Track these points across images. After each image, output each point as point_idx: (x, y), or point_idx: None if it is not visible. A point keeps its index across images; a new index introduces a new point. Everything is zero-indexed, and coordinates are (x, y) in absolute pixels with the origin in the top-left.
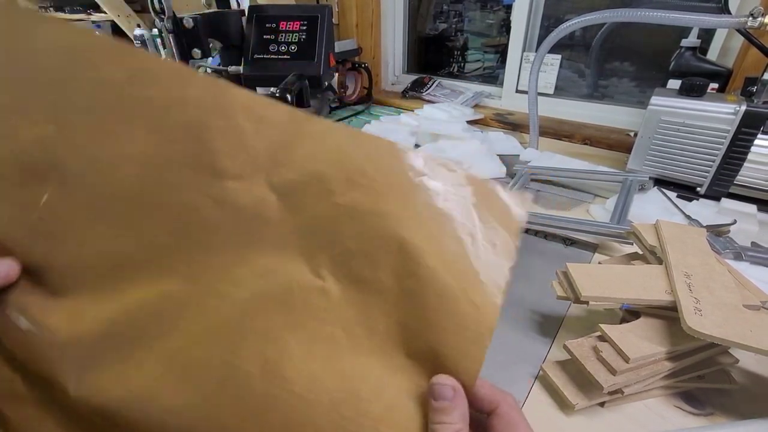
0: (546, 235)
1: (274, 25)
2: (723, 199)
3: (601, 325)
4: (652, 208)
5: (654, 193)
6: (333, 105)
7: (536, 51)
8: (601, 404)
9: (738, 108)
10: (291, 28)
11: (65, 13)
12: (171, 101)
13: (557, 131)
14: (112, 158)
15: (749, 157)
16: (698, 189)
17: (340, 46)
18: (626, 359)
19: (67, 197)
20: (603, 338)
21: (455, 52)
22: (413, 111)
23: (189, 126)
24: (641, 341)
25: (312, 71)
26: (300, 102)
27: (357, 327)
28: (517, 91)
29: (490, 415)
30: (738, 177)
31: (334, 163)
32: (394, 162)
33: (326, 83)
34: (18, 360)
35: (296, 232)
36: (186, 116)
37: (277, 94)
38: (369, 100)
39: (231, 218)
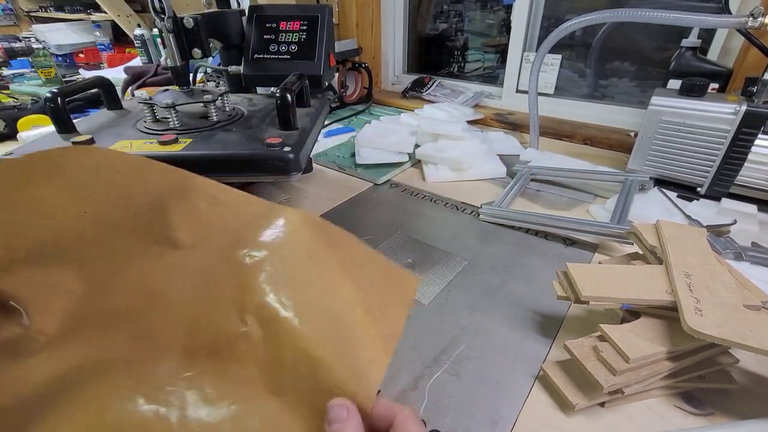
0: (546, 235)
1: (274, 25)
2: (723, 199)
3: (602, 325)
4: (652, 208)
5: (654, 193)
6: (333, 105)
7: (536, 51)
8: (602, 404)
9: (738, 108)
10: (291, 28)
11: (65, 12)
12: (135, 187)
13: (557, 131)
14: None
15: (749, 157)
16: (698, 189)
17: (340, 46)
18: (626, 359)
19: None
20: (603, 338)
21: (455, 52)
22: (413, 111)
23: (152, 205)
24: (641, 341)
25: (312, 71)
26: (300, 102)
27: (271, 366)
28: (518, 91)
29: (388, 430)
30: (738, 177)
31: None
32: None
33: (326, 83)
34: None
35: (237, 286)
36: (149, 198)
37: (278, 94)
38: (369, 99)
39: (183, 279)
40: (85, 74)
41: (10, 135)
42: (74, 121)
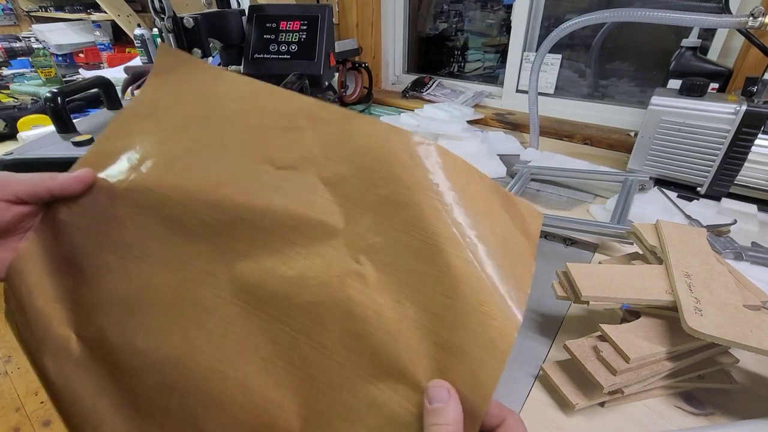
0: (546, 235)
1: (274, 24)
2: (723, 199)
3: (602, 325)
4: (652, 208)
5: (654, 193)
6: None
7: (536, 51)
8: (601, 404)
9: (738, 108)
10: (291, 28)
11: (65, 12)
12: (247, 110)
13: (557, 131)
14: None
15: (750, 157)
16: (699, 189)
17: (340, 46)
18: (626, 359)
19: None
20: (603, 338)
21: (455, 52)
22: (413, 111)
23: (255, 126)
24: (641, 341)
25: (312, 71)
26: None
27: (388, 311)
28: (518, 90)
29: (496, 429)
30: (738, 177)
31: (378, 158)
32: (429, 160)
33: (326, 83)
34: (78, 319)
35: (341, 220)
36: (255, 120)
37: None
38: (369, 99)
39: (283, 202)
40: (85, 74)
41: (10, 135)
42: (74, 120)
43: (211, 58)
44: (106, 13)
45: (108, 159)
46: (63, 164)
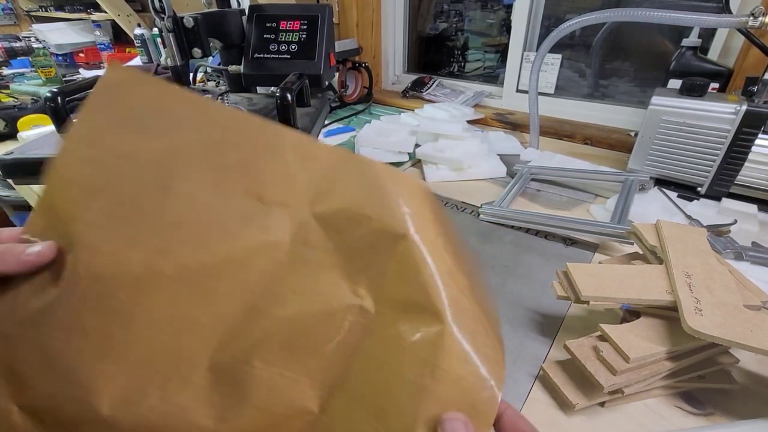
0: (546, 235)
1: (274, 24)
2: (723, 199)
3: (602, 325)
4: (652, 208)
5: (654, 193)
6: (333, 104)
7: (537, 50)
8: (602, 404)
9: (739, 108)
10: (291, 28)
11: (65, 11)
12: (228, 143)
13: (558, 131)
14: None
15: (750, 156)
16: (699, 189)
17: (340, 46)
18: (626, 359)
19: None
20: (603, 338)
21: (455, 52)
22: (413, 110)
23: (243, 162)
24: (641, 341)
25: (312, 71)
26: (300, 101)
27: (391, 343)
28: (518, 90)
29: (496, 422)
30: (739, 177)
31: (370, 192)
32: (426, 199)
33: (327, 83)
34: (20, 388)
35: (336, 255)
36: (241, 154)
37: (278, 94)
38: (369, 99)
39: (270, 241)
40: (85, 74)
41: (11, 134)
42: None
43: (211, 58)
44: (106, 12)
45: (56, 220)
46: None
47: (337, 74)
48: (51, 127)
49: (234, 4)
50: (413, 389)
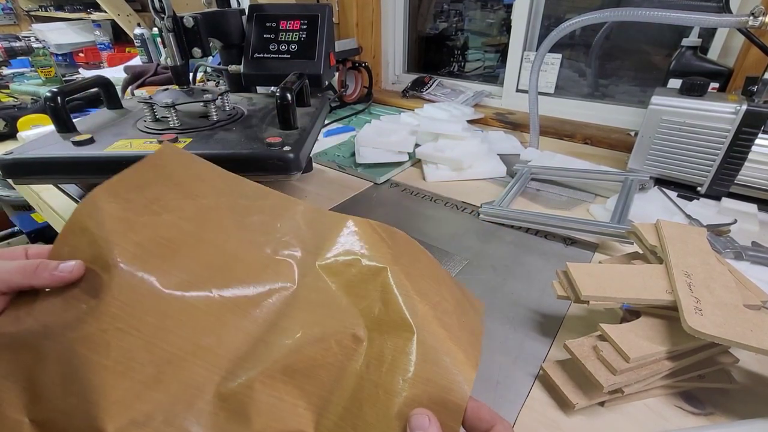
0: (546, 235)
1: (274, 24)
2: (723, 199)
3: (602, 325)
4: (652, 208)
5: (654, 192)
6: (333, 104)
7: (537, 50)
8: (602, 404)
9: (739, 107)
10: (291, 28)
11: (65, 11)
12: (252, 208)
13: (558, 131)
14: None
15: (750, 156)
16: (699, 188)
17: (340, 46)
18: (626, 359)
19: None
20: (603, 338)
21: (455, 52)
22: (413, 110)
23: (263, 224)
24: (641, 341)
25: (312, 70)
26: (300, 101)
27: (374, 361)
28: (518, 90)
29: None
30: (738, 177)
31: (356, 242)
32: (422, 253)
33: (327, 82)
34: (33, 401)
35: (336, 293)
36: (262, 217)
37: (278, 94)
38: (369, 99)
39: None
40: (85, 73)
41: (10, 134)
42: (74, 120)
43: (210, 58)
44: (106, 12)
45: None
46: (63, 164)
47: (337, 74)
48: (51, 127)
49: (234, 4)
50: (389, 395)
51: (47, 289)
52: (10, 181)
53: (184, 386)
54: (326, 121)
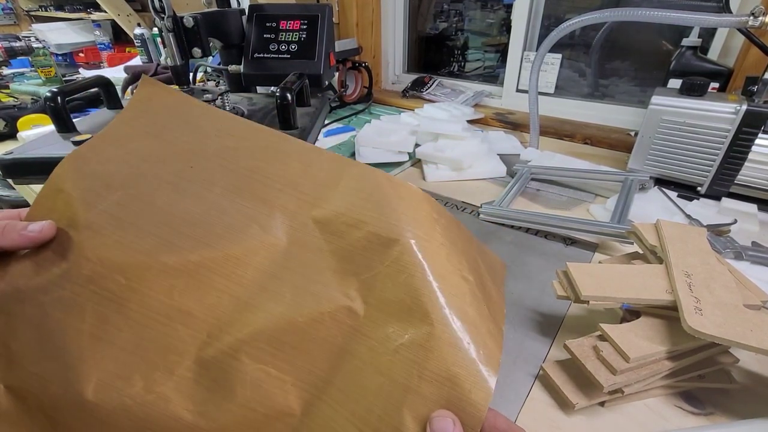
0: (546, 235)
1: (274, 24)
2: (723, 199)
3: (602, 325)
4: (652, 208)
5: (654, 192)
6: (333, 104)
7: (537, 50)
8: (602, 404)
9: (739, 107)
10: (291, 27)
11: (65, 11)
12: (240, 150)
13: (558, 131)
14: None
15: (750, 156)
16: (699, 188)
17: (340, 45)
18: (626, 359)
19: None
20: (603, 338)
21: (455, 52)
22: (413, 110)
23: (252, 168)
24: (641, 341)
25: (312, 70)
26: (300, 101)
27: (378, 345)
28: (518, 90)
29: None
30: (739, 177)
31: (368, 198)
32: (422, 205)
33: (327, 82)
34: (7, 367)
35: (331, 257)
36: (251, 162)
37: (278, 93)
38: (369, 99)
39: (268, 240)
40: (85, 73)
41: (11, 134)
42: (74, 120)
43: (211, 58)
44: (106, 12)
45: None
46: None
47: (337, 74)
48: (51, 127)
49: (234, 4)
50: (400, 390)
51: (21, 252)
52: (10, 181)
53: (164, 351)
54: (326, 121)
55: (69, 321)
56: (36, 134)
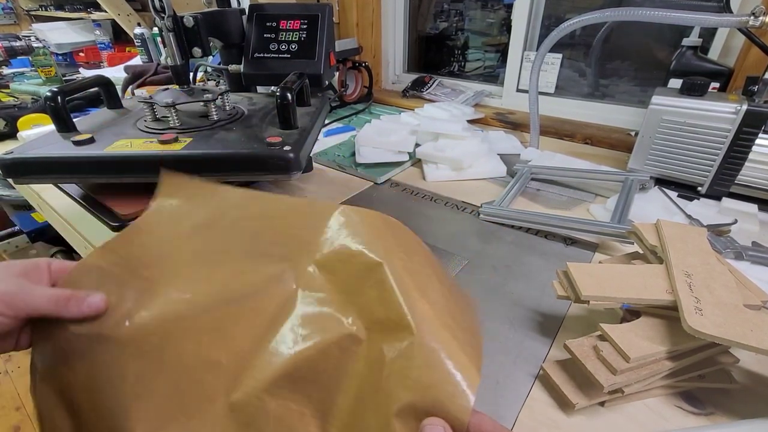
0: (546, 235)
1: (274, 23)
2: (724, 199)
3: (602, 325)
4: (652, 208)
5: (655, 192)
6: (333, 104)
7: (537, 50)
8: (602, 404)
9: (739, 107)
10: (291, 27)
11: (66, 11)
12: (264, 229)
13: (558, 130)
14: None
15: (750, 156)
16: (699, 188)
17: (340, 45)
18: (626, 359)
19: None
20: (603, 338)
21: (456, 51)
22: (414, 110)
23: (273, 242)
24: (642, 341)
25: (312, 70)
26: (300, 101)
27: (375, 360)
28: (518, 90)
29: None
30: (739, 176)
31: (353, 235)
32: (389, 230)
33: (327, 82)
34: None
35: (333, 292)
36: (273, 237)
37: (278, 93)
38: (369, 99)
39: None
40: (85, 73)
41: (11, 134)
42: (74, 119)
43: (211, 58)
44: (106, 12)
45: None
46: (63, 163)
47: (337, 74)
48: (51, 127)
49: (234, 4)
50: (389, 401)
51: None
52: (10, 180)
53: (198, 399)
54: (326, 121)
55: (113, 384)
56: (36, 134)
